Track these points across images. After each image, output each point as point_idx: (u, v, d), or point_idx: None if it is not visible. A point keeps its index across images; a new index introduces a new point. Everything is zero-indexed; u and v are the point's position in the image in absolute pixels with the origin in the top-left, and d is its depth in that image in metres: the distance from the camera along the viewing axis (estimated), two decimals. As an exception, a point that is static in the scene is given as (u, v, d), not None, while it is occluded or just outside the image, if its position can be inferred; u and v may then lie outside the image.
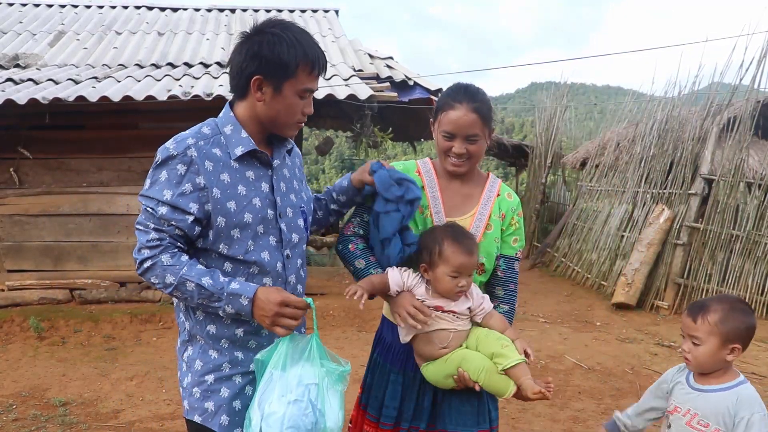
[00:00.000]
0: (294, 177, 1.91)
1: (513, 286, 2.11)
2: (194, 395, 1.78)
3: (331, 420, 1.69)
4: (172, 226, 1.64)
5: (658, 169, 8.28)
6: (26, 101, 6.10)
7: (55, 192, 7.07)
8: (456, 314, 1.94)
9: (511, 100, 72.05)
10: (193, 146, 1.67)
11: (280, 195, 1.80)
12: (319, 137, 12.95)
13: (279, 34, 1.65)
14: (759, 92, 7.57)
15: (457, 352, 1.93)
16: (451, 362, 1.92)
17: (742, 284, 7.17)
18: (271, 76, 1.67)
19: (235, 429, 1.76)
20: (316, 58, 1.70)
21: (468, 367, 1.89)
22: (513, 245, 2.10)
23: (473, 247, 1.91)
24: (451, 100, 1.97)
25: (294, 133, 1.81)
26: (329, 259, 8.14)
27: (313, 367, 1.68)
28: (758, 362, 5.47)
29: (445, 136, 1.98)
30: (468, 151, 1.97)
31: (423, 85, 8.06)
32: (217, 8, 10.98)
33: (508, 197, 2.11)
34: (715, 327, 1.84)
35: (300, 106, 1.74)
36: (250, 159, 1.75)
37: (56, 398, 4.38)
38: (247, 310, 1.62)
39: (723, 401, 1.88)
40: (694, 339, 1.89)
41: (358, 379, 2.25)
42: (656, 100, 9.19)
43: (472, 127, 1.94)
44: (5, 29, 9.19)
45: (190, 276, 1.61)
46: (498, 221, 2.06)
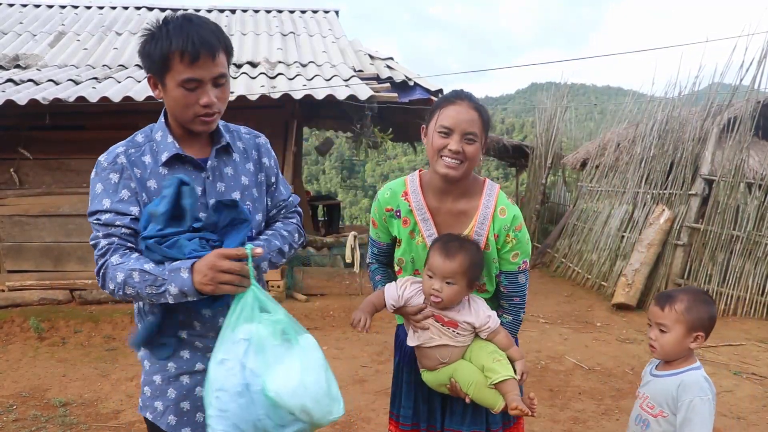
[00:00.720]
0: (243, 174, 1.84)
1: (518, 300, 2.07)
2: (146, 393, 1.82)
3: (278, 383, 1.48)
4: (118, 227, 1.65)
5: (658, 170, 8.28)
6: (26, 102, 6.10)
7: (55, 192, 7.08)
8: (457, 331, 1.94)
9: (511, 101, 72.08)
10: (123, 154, 1.70)
11: (216, 196, 1.76)
12: (320, 138, 12.97)
13: (152, 31, 1.64)
14: (759, 93, 7.57)
15: (451, 365, 1.97)
16: (443, 372, 1.96)
17: (743, 285, 7.17)
18: (155, 73, 1.66)
19: (183, 428, 1.78)
20: (185, 45, 1.57)
21: (459, 378, 1.92)
22: (513, 260, 2.01)
23: (452, 254, 1.85)
24: (452, 98, 1.93)
25: (202, 128, 1.71)
26: (329, 259, 8.14)
27: (248, 323, 1.55)
28: (759, 363, 5.47)
29: (441, 132, 1.87)
30: (464, 151, 1.86)
31: (423, 85, 8.07)
32: (217, 9, 10.99)
33: (500, 214, 1.96)
34: (682, 315, 1.96)
35: (191, 99, 1.64)
36: (180, 163, 1.73)
37: (56, 398, 4.38)
38: (189, 282, 1.53)
39: (669, 385, 2.01)
40: (662, 326, 1.99)
41: (358, 380, 2.26)
42: (656, 100, 9.20)
43: (471, 125, 1.86)
44: (6, 30, 9.19)
45: (135, 266, 1.58)
46: (493, 242, 1.99)
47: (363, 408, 4.28)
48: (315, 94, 6.76)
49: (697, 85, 8.61)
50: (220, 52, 1.65)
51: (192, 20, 1.63)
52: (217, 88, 1.67)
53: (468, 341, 1.97)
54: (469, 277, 1.89)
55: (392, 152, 36.49)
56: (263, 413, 1.49)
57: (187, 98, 1.64)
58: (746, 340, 6.17)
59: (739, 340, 6.16)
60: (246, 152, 1.88)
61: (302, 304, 7.25)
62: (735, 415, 4.28)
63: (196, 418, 1.78)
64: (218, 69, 1.65)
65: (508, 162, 15.51)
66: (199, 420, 1.78)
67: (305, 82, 7.31)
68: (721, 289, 7.23)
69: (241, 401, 1.49)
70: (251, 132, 1.96)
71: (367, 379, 4.83)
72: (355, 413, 4.18)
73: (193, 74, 1.61)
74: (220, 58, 1.65)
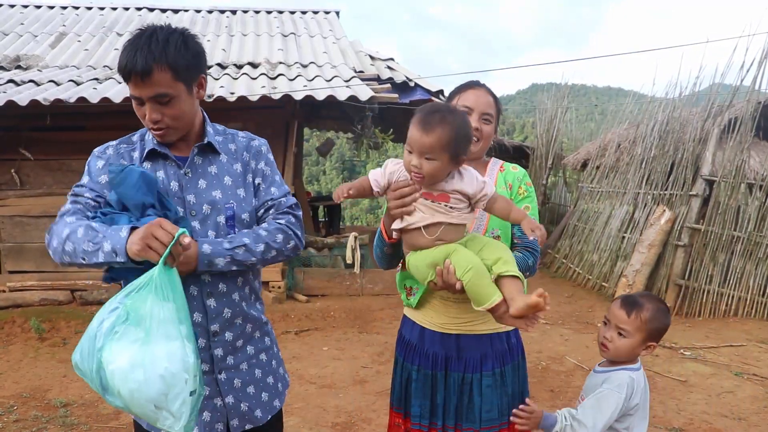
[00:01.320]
0: (227, 173, 1.86)
1: (531, 248, 2.03)
2: None
3: (114, 359, 1.47)
4: (87, 198, 1.76)
5: (659, 171, 8.27)
6: (27, 102, 6.11)
7: (56, 193, 7.08)
8: (450, 205, 1.77)
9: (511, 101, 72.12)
10: (112, 147, 1.85)
11: (195, 192, 1.81)
12: (320, 138, 12.99)
13: (126, 41, 1.71)
14: (760, 93, 7.56)
15: (449, 245, 1.77)
16: (440, 251, 1.76)
17: (744, 285, 7.17)
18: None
19: None
20: (123, 65, 1.66)
21: (456, 260, 1.72)
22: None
23: (431, 128, 1.69)
24: (470, 84, 2.11)
25: (157, 138, 1.79)
26: (330, 260, 8.14)
27: (127, 295, 1.54)
28: (760, 364, 5.46)
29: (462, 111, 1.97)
30: (481, 129, 2.02)
31: (424, 86, 8.07)
32: (218, 9, 11.00)
33: (512, 169, 2.14)
34: (644, 324, 2.01)
35: (141, 112, 1.74)
36: (163, 159, 1.82)
37: (57, 399, 4.38)
38: (123, 241, 1.54)
39: (598, 379, 2.11)
40: (622, 330, 2.03)
41: (359, 381, 2.25)
42: (657, 101, 9.19)
43: (488, 106, 2.04)
44: (7, 31, 9.20)
45: (83, 223, 1.64)
46: (505, 193, 2.05)
47: (364, 409, 4.28)
48: (316, 94, 6.76)
49: (697, 86, 8.61)
50: (155, 72, 1.65)
51: (141, 38, 1.66)
52: (161, 105, 1.71)
53: (465, 218, 1.81)
54: (451, 151, 1.72)
55: (393, 153, 36.47)
56: (95, 368, 1.51)
57: (138, 111, 1.75)
58: (747, 340, 6.17)
59: (740, 341, 6.16)
60: (236, 154, 1.92)
61: (303, 304, 7.26)
62: (736, 416, 4.28)
63: None
64: (154, 89, 1.67)
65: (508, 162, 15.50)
66: None
67: (306, 82, 7.32)
68: (721, 289, 7.23)
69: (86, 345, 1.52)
70: (248, 135, 1.99)
71: (367, 379, 4.83)
72: (356, 414, 4.18)
73: (133, 92, 1.71)
74: (155, 78, 1.65)
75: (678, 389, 4.77)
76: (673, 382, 4.92)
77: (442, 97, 8.33)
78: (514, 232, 2.05)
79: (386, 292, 7.78)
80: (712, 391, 4.75)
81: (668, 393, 4.69)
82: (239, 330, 1.88)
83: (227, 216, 1.82)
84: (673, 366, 5.33)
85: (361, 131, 7.94)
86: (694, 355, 5.68)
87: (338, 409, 4.23)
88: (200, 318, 1.80)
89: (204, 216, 1.80)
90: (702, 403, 4.50)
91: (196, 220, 1.79)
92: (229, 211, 1.83)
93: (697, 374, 5.12)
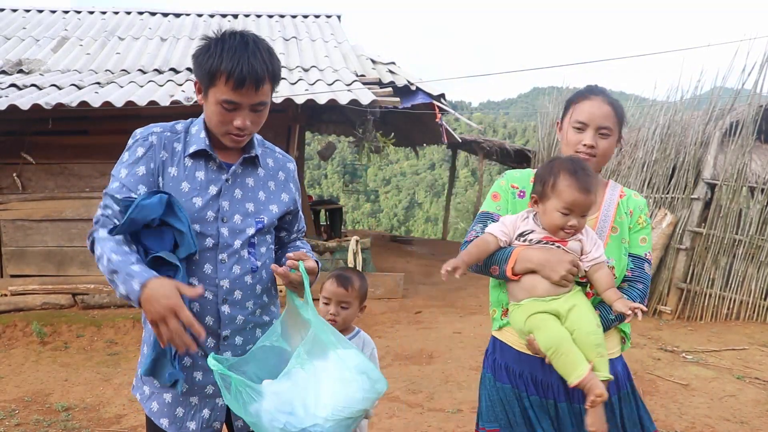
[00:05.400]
0: (262, 189, 1.89)
1: (641, 285, 1.91)
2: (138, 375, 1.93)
3: (327, 409, 1.67)
4: (114, 209, 1.73)
5: (660, 174, 8.26)
6: (29, 106, 6.13)
7: (58, 197, 7.10)
8: (566, 250, 1.82)
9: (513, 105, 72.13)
10: (157, 134, 1.78)
11: (230, 200, 1.81)
12: (322, 142, 12.99)
13: (209, 43, 1.69)
14: (761, 97, 7.56)
15: (537, 316, 1.78)
16: (528, 323, 1.80)
17: (745, 288, 7.16)
18: (201, 82, 1.72)
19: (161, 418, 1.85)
20: (233, 70, 1.63)
21: (539, 337, 1.77)
22: (641, 244, 1.95)
23: (591, 185, 1.76)
24: (586, 93, 1.97)
25: (230, 144, 1.78)
26: (331, 264, 8.13)
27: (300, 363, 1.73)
28: (762, 367, 5.45)
29: (576, 127, 1.92)
30: (598, 145, 1.89)
31: (425, 90, 8.08)
32: (220, 14, 11.03)
33: (635, 196, 2.01)
34: (357, 292, 2.37)
35: (227, 117, 1.70)
36: (206, 160, 1.80)
37: (59, 403, 4.38)
38: (135, 296, 1.56)
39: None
40: (343, 304, 2.35)
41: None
42: (658, 104, 9.17)
43: (605, 119, 1.90)
44: (9, 35, 9.24)
45: (106, 249, 1.65)
46: (625, 221, 1.95)
47: (365, 412, 4.27)
48: (317, 98, 6.77)
49: (699, 90, 8.60)
50: (266, 82, 1.69)
51: (248, 44, 1.67)
52: (254, 113, 1.73)
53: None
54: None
55: (394, 157, 36.53)
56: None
57: (223, 116, 1.70)
58: (749, 344, 6.15)
59: (742, 344, 6.15)
60: (273, 170, 1.94)
61: (304, 308, 7.24)
62: (738, 419, 4.27)
63: (176, 412, 1.83)
64: (259, 98, 1.70)
65: (510, 166, 15.52)
66: (179, 414, 1.83)
67: (307, 86, 7.33)
68: (723, 293, 7.22)
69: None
70: (285, 155, 2.02)
71: (369, 383, 4.82)
72: (357, 418, 4.17)
73: (233, 98, 1.67)
74: (264, 88, 1.70)
75: (680, 393, 4.76)
76: (675, 386, 4.91)
77: (443, 101, 8.35)
78: (627, 263, 1.92)
79: (388, 296, 7.77)
80: (714, 394, 4.74)
81: (670, 396, 4.68)
82: (249, 335, 1.89)
83: (256, 229, 1.84)
84: (675, 370, 5.32)
85: (362, 135, 7.95)
86: (696, 358, 5.67)
87: (339, 413, 4.22)
88: (212, 322, 1.80)
89: (233, 224, 1.81)
90: (704, 406, 4.49)
91: (225, 227, 1.79)
92: (259, 224, 1.85)
93: (699, 378, 5.11)
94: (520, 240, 1.87)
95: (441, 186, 36.57)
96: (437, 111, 8.21)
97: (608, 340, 1.90)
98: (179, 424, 1.83)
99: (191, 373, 1.82)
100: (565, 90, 12.17)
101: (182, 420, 1.82)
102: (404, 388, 4.70)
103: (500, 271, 1.87)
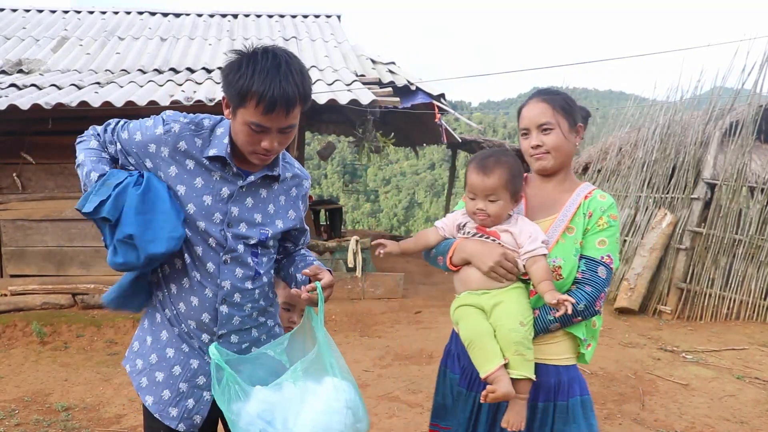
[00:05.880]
0: (272, 202, 1.89)
1: (589, 288, 1.84)
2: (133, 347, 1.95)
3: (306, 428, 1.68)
4: (112, 144, 1.83)
5: (660, 174, 8.27)
6: (29, 106, 6.12)
7: (57, 197, 7.09)
8: (499, 242, 1.85)
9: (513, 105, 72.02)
10: (181, 124, 1.76)
11: (239, 207, 1.81)
12: (321, 142, 12.99)
13: (241, 61, 1.64)
14: (761, 97, 7.57)
15: (462, 308, 1.87)
16: (455, 315, 1.91)
17: (745, 289, 7.16)
18: (230, 99, 1.69)
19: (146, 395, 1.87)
20: (263, 94, 1.58)
21: (461, 327, 1.87)
22: (599, 247, 1.87)
23: (490, 170, 1.82)
24: (524, 103, 2.02)
25: (257, 162, 1.76)
26: (331, 264, 8.13)
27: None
28: (762, 367, 5.45)
29: (523, 134, 1.98)
30: (544, 142, 1.91)
31: (425, 90, 8.08)
32: (220, 14, 11.02)
33: (600, 198, 1.93)
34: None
35: (255, 138, 1.67)
36: (223, 164, 1.78)
37: (59, 403, 4.38)
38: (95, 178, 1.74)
39: None
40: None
41: (360, 385, 2.23)
42: (658, 104, 9.19)
43: (541, 116, 1.91)
44: (9, 35, 9.24)
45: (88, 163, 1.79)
46: (581, 222, 1.90)
47: (365, 412, 4.27)
48: (317, 98, 6.77)
49: (699, 89, 8.61)
50: (296, 106, 1.66)
51: (281, 66, 1.61)
52: (282, 135, 1.70)
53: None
54: (511, 189, 1.84)
55: (394, 156, 36.52)
56: None
57: (250, 137, 1.67)
58: (749, 344, 6.16)
59: (742, 344, 6.15)
60: (287, 186, 1.93)
61: (304, 308, 7.24)
62: (738, 419, 4.27)
63: (162, 393, 1.84)
64: (289, 121, 1.67)
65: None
66: (164, 397, 1.84)
67: (307, 86, 7.31)
68: (723, 293, 7.22)
69: None
70: (302, 171, 2.00)
71: (369, 383, 4.83)
72: (357, 418, 4.17)
73: (263, 122, 1.63)
74: (294, 112, 1.67)
75: (680, 393, 4.76)
76: (675, 386, 4.91)
77: (443, 101, 8.35)
78: (579, 266, 1.87)
79: (387, 296, 7.77)
80: (714, 394, 4.74)
81: (670, 396, 4.68)
82: (246, 334, 1.90)
83: (259, 239, 1.85)
84: (675, 369, 5.32)
85: (362, 135, 7.95)
86: (696, 358, 5.67)
87: (339, 413, 4.22)
88: (208, 319, 1.82)
89: (238, 230, 1.81)
90: (704, 406, 4.49)
91: (230, 231, 1.80)
92: (263, 235, 1.86)
93: (699, 378, 5.11)
94: (460, 233, 1.94)
95: (441, 186, 36.57)
96: (436, 111, 8.21)
97: (555, 345, 1.90)
98: (162, 407, 1.83)
99: (188, 359, 1.84)
100: (565, 90, 12.18)
101: (166, 403, 1.83)
102: (404, 388, 4.70)
103: (443, 261, 1.95)
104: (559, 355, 1.90)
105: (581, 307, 1.82)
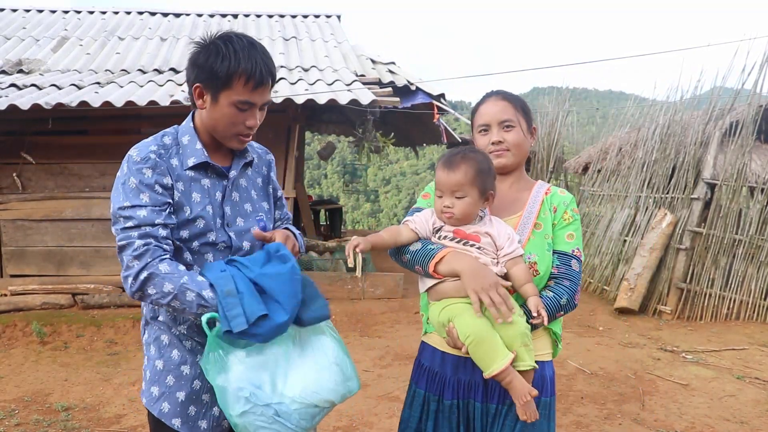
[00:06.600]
0: (252, 187, 1.93)
1: (568, 283, 1.87)
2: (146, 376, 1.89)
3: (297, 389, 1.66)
4: (157, 226, 1.65)
5: (660, 174, 8.27)
6: (29, 106, 6.12)
7: (57, 197, 7.09)
8: (480, 245, 1.80)
9: (513, 105, 71.92)
10: (155, 152, 1.72)
11: (230, 205, 1.83)
12: (321, 142, 12.99)
13: (218, 45, 1.67)
14: (761, 97, 7.56)
15: (456, 305, 1.76)
16: (446, 313, 1.78)
17: (745, 289, 7.16)
18: (208, 86, 1.70)
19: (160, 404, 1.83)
20: (252, 71, 1.65)
21: (458, 324, 1.73)
22: (568, 241, 1.91)
23: (456, 166, 1.79)
24: (481, 99, 2.02)
25: (238, 145, 1.80)
26: (331, 264, 8.14)
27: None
28: (762, 367, 5.45)
29: (481, 131, 1.97)
30: (505, 139, 1.92)
31: (425, 90, 8.08)
32: (220, 14, 11.03)
33: (560, 193, 1.99)
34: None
35: (240, 118, 1.72)
36: (205, 170, 1.80)
37: (58, 403, 4.38)
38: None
39: None
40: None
41: (361, 384, 2.22)
42: (658, 104, 9.19)
43: (503, 113, 1.93)
44: (9, 35, 9.24)
45: (190, 286, 1.62)
46: (548, 217, 1.92)
47: (365, 413, 4.27)
48: (317, 98, 6.77)
49: (699, 89, 8.61)
50: (274, 80, 1.76)
51: (254, 44, 1.71)
52: (261, 111, 1.78)
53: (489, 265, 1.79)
54: (479, 186, 1.79)
55: (394, 156, 36.53)
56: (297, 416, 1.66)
57: (236, 117, 1.72)
58: (749, 344, 6.16)
59: (742, 344, 6.15)
60: (258, 167, 1.98)
61: (304, 308, 7.24)
62: (738, 419, 4.27)
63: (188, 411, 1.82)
64: (268, 96, 1.77)
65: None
66: (191, 413, 1.82)
67: (307, 86, 7.33)
68: (723, 293, 7.22)
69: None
70: (262, 148, 2.05)
71: (369, 383, 4.83)
72: (357, 418, 4.18)
73: (251, 98, 1.70)
74: (270, 86, 1.76)
75: (680, 393, 4.77)
76: (675, 386, 4.91)
77: (443, 101, 8.35)
78: (553, 260, 1.89)
79: (387, 296, 7.77)
80: (714, 394, 4.74)
81: (670, 396, 4.68)
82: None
83: (260, 227, 1.87)
84: (675, 369, 5.32)
85: (362, 135, 7.95)
86: (696, 358, 5.67)
87: (339, 413, 4.22)
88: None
89: (237, 227, 1.84)
90: (704, 406, 4.49)
91: (232, 230, 1.82)
92: (260, 222, 1.89)
93: (699, 378, 5.11)
94: (436, 236, 1.87)
95: (441, 186, 36.51)
96: (435, 111, 8.21)
97: (537, 341, 1.87)
98: (191, 423, 1.82)
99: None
100: (565, 90, 12.19)
101: (194, 419, 1.82)
102: (404, 388, 4.69)
103: (422, 271, 1.86)
104: (539, 351, 1.88)
105: (564, 301, 1.85)
